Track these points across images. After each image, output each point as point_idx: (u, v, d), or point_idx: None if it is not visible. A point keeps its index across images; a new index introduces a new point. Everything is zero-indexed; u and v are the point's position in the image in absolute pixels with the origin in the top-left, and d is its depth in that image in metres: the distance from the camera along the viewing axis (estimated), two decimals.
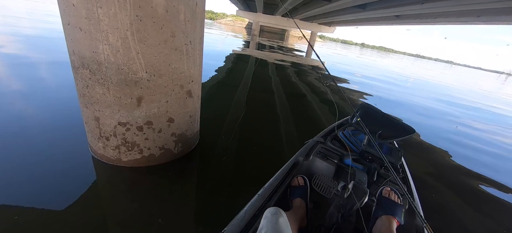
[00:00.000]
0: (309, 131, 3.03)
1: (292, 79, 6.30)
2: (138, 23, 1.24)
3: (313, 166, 1.37)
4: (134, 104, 1.44)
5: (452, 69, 41.58)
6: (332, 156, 1.37)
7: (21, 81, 2.92)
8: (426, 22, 11.37)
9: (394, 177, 1.25)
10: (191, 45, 1.53)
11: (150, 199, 1.44)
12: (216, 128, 2.52)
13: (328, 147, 1.47)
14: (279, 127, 2.85)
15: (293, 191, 1.15)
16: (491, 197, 2.22)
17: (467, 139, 3.86)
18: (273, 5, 18.32)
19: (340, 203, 0.98)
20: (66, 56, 1.49)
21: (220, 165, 1.87)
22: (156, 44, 1.33)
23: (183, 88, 1.61)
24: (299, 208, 1.06)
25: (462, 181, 2.45)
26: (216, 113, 2.96)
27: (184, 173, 1.72)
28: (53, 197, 1.34)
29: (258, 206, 0.95)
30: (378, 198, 1.14)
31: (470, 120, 5.25)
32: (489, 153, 3.41)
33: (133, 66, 1.32)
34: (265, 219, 0.74)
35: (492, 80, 29.20)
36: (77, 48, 1.32)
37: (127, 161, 1.62)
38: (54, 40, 5.69)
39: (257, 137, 2.51)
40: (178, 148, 1.79)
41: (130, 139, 1.54)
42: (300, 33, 37.32)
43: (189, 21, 1.45)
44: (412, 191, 1.28)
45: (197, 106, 1.89)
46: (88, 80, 1.38)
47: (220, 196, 1.56)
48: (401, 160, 1.40)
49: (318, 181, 1.24)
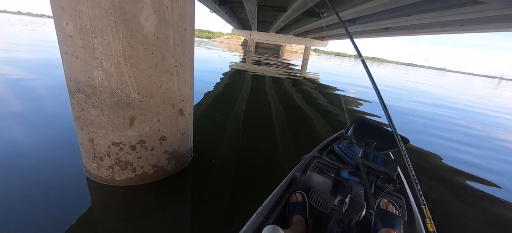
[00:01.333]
0: (307, 143, 3.09)
1: (288, 91, 6.43)
2: (130, 49, 1.35)
3: (311, 181, 1.37)
4: (127, 124, 1.51)
5: (445, 76, 42.39)
6: (329, 170, 1.38)
7: (21, 104, 3.00)
8: (413, 33, 11.81)
9: (391, 188, 1.27)
10: (181, 67, 1.63)
11: (143, 219, 1.47)
12: (212, 144, 2.58)
13: (324, 162, 1.48)
14: (276, 143, 2.89)
15: (292, 208, 1.15)
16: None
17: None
18: (266, 22, 18.96)
19: (338, 217, 0.97)
20: (62, 80, 1.57)
21: (214, 181, 1.91)
22: (147, 67, 1.43)
23: (175, 107, 1.69)
24: (298, 224, 1.06)
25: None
26: (212, 129, 3.03)
27: (177, 191, 1.76)
28: (46, 219, 1.37)
29: (257, 224, 0.95)
30: (377, 210, 1.14)
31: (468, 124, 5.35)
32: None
33: (125, 89, 1.41)
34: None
35: (486, 84, 29.76)
36: (74, 74, 1.42)
37: (120, 180, 1.66)
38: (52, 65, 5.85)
39: (254, 152, 2.56)
40: (171, 165, 1.85)
41: (124, 158, 1.60)
42: (295, 48, 37.84)
43: (179, 45, 1.56)
44: (410, 202, 1.28)
45: (189, 124, 1.97)
46: (83, 103, 1.46)
47: (215, 213, 1.59)
48: (397, 170, 1.41)
49: (315, 196, 1.24)
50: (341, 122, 4.25)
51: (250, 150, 2.59)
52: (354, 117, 1.93)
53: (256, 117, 3.80)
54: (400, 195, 1.27)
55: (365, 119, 1.93)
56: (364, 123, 1.87)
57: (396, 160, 1.47)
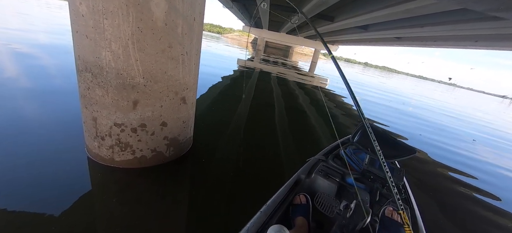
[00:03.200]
0: (306, 144, 3.10)
1: (294, 93, 6.42)
2: (139, 33, 1.38)
3: (315, 184, 1.37)
4: (130, 107, 1.54)
5: (455, 92, 41.52)
6: (334, 175, 1.37)
7: (31, 81, 3.08)
8: (426, 44, 11.61)
9: (396, 198, 1.28)
10: (187, 56, 1.66)
11: (139, 202, 1.50)
12: (213, 136, 2.61)
13: (330, 166, 1.47)
14: (277, 142, 2.89)
15: (295, 209, 1.15)
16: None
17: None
18: (278, 22, 18.90)
19: (342, 222, 0.97)
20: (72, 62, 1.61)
21: (211, 172, 1.94)
22: (154, 53, 1.46)
23: (178, 95, 1.72)
24: (301, 227, 1.05)
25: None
26: (214, 122, 3.06)
27: (174, 177, 1.79)
28: (45, 196, 1.40)
29: (260, 223, 0.96)
30: (381, 218, 1.13)
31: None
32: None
33: (131, 72, 1.44)
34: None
35: (496, 104, 29.05)
36: (83, 53, 1.45)
37: (119, 161, 1.70)
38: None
39: (254, 150, 2.56)
40: (170, 152, 1.88)
41: (124, 140, 1.63)
42: (304, 50, 37.58)
43: (186, 34, 1.58)
44: (415, 212, 1.28)
45: (191, 113, 1.99)
46: (89, 82, 1.50)
47: (208, 203, 1.61)
48: (403, 180, 1.40)
49: (321, 199, 1.24)
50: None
51: (251, 147, 2.60)
52: (361, 123, 1.92)
53: (260, 116, 3.81)
54: (406, 205, 1.26)
55: (373, 125, 1.91)
56: (372, 130, 1.85)
57: (403, 170, 1.45)
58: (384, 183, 1.33)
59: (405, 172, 1.46)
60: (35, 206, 1.32)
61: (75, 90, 1.70)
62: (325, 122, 4.25)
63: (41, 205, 1.33)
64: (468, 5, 4.00)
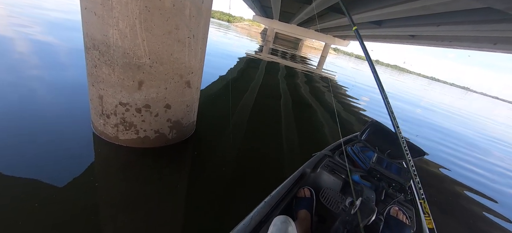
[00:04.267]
0: (310, 139, 3.08)
1: (300, 88, 6.34)
2: (146, 13, 1.37)
3: (320, 179, 1.37)
4: (135, 87, 1.56)
5: (469, 96, 40.25)
6: (339, 171, 1.36)
7: (43, 58, 3.15)
8: (441, 44, 11.19)
9: (402, 198, 1.24)
10: (193, 39, 1.65)
11: (140, 180, 1.54)
12: (216, 123, 2.62)
13: (336, 162, 1.46)
14: (281, 135, 2.87)
15: (299, 202, 1.15)
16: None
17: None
18: (289, 13, 18.50)
19: (346, 219, 0.97)
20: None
21: (211, 157, 1.97)
22: (161, 34, 1.46)
23: (183, 78, 1.72)
24: (304, 220, 1.06)
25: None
26: (220, 110, 3.06)
27: (175, 159, 1.82)
28: (49, 168, 1.45)
29: (264, 213, 0.96)
30: (386, 217, 1.13)
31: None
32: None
33: (137, 52, 1.45)
34: (274, 227, 0.75)
35: None
36: (90, 30, 1.46)
37: (123, 140, 1.74)
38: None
39: (256, 139, 2.58)
40: (173, 134, 1.90)
41: (129, 119, 1.66)
42: (314, 44, 36.88)
43: (194, 17, 1.57)
44: (420, 214, 1.26)
45: (195, 97, 2.00)
46: (97, 60, 1.51)
47: (206, 186, 1.64)
48: (410, 181, 1.37)
49: (326, 194, 1.23)
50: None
51: (254, 137, 2.61)
52: (370, 121, 1.87)
53: (265, 109, 3.78)
54: (411, 206, 1.25)
55: (382, 125, 1.87)
56: (381, 129, 1.80)
57: (410, 171, 1.42)
58: (390, 183, 1.31)
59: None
60: (39, 176, 1.37)
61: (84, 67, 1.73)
62: (332, 118, 4.21)
63: (45, 176, 1.39)
64: (492, 3, 3.81)
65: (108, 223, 1.22)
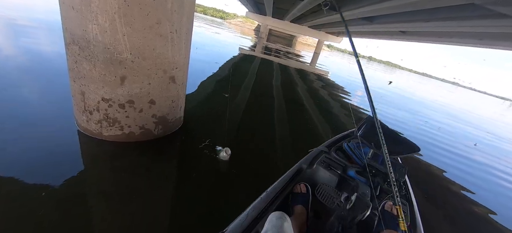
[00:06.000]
0: (302, 137, 3.08)
1: (295, 85, 6.36)
2: (126, 8, 1.36)
3: (316, 175, 1.38)
4: (118, 82, 1.55)
5: (458, 91, 41.22)
6: (335, 167, 1.38)
7: (25, 53, 3.07)
8: (431, 40, 11.41)
9: (397, 194, 1.29)
10: (176, 34, 1.64)
11: (126, 175, 1.54)
12: (205, 118, 2.62)
13: (332, 157, 1.48)
14: (274, 133, 2.84)
15: (295, 198, 1.16)
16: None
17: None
18: (283, 9, 18.47)
19: (341, 214, 0.98)
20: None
21: (198, 152, 1.96)
22: (142, 29, 1.45)
23: (166, 73, 1.72)
24: (300, 215, 1.07)
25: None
26: (209, 107, 3.05)
27: (161, 155, 1.82)
28: (35, 165, 1.44)
29: (260, 209, 0.96)
30: (381, 211, 1.14)
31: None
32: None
33: (118, 47, 1.44)
34: (270, 223, 0.76)
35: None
36: (70, 25, 1.44)
37: (108, 136, 1.73)
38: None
39: (247, 136, 2.55)
40: (158, 130, 1.90)
41: (112, 115, 1.65)
42: (308, 40, 36.99)
43: (176, 11, 1.56)
44: (414, 209, 1.30)
45: (181, 93, 2.00)
46: (77, 56, 1.50)
47: (190, 181, 1.63)
48: (405, 177, 1.41)
49: (322, 190, 1.25)
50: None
51: (245, 134, 2.59)
52: (366, 118, 1.90)
53: (258, 106, 3.77)
54: (405, 201, 1.28)
55: (379, 121, 1.90)
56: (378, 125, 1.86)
57: (406, 167, 1.46)
58: (386, 178, 1.33)
59: (407, 169, 1.46)
60: (22, 176, 1.35)
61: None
62: (325, 116, 4.26)
63: (29, 175, 1.37)
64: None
65: (95, 218, 1.22)
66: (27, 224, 1.12)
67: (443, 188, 2.80)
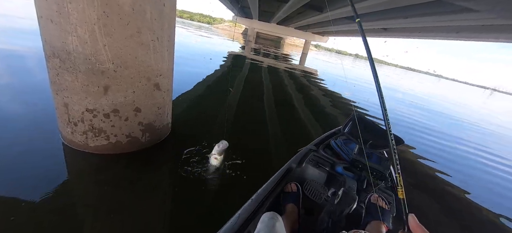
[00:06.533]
0: (295, 136, 3.12)
1: (285, 86, 6.45)
2: (105, 18, 1.38)
3: (306, 173, 1.42)
4: (101, 92, 1.56)
5: (441, 83, 42.82)
6: (324, 164, 1.42)
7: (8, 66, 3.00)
8: (411, 36, 11.88)
9: (383, 186, 1.33)
10: (158, 42, 1.67)
11: (113, 187, 1.52)
12: (194, 124, 2.63)
13: (320, 155, 1.53)
14: (266, 136, 2.84)
15: (286, 197, 1.19)
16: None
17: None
18: (268, 12, 18.72)
19: (330, 209, 1.02)
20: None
21: (187, 159, 1.93)
22: (122, 38, 1.47)
23: (150, 81, 1.74)
24: (291, 213, 1.11)
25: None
26: (198, 111, 3.06)
27: (150, 163, 1.82)
28: (20, 182, 1.42)
29: (251, 210, 0.98)
30: (367, 204, 1.19)
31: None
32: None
33: (100, 57, 1.46)
34: (262, 223, 0.78)
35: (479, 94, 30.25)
36: (49, 38, 1.45)
37: (94, 147, 1.73)
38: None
39: (238, 140, 2.47)
40: (146, 138, 1.91)
41: (97, 126, 1.66)
42: (296, 42, 37.49)
43: (156, 19, 1.60)
44: (399, 199, 1.35)
45: (167, 99, 2.02)
46: (58, 68, 1.50)
47: (182, 190, 1.62)
48: (389, 169, 1.46)
49: (310, 186, 1.29)
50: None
51: (235, 139, 2.49)
52: (352, 114, 1.94)
53: (247, 108, 3.80)
54: (391, 192, 1.34)
55: (363, 117, 1.96)
56: (362, 121, 1.90)
57: (390, 159, 1.51)
58: (372, 172, 1.38)
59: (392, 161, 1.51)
60: (7, 192, 1.34)
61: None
62: (314, 115, 4.35)
63: (14, 191, 1.35)
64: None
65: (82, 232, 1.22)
66: None
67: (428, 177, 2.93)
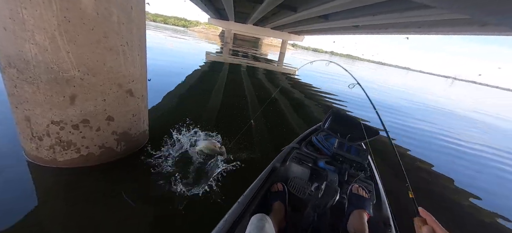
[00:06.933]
0: (278, 136, 3.09)
1: (264, 85, 6.50)
2: (67, 24, 1.30)
3: (290, 171, 1.44)
4: (67, 102, 1.47)
5: (409, 75, 46.10)
6: (307, 161, 1.45)
7: None
8: (381, 32, 12.63)
9: (363, 176, 1.39)
10: (128, 46, 1.61)
11: (88, 203, 1.44)
12: (173, 129, 2.52)
13: (303, 152, 1.56)
14: (252, 138, 2.78)
15: (273, 196, 1.22)
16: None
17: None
18: (244, 13, 18.76)
19: (315, 203, 1.04)
20: None
21: (167, 166, 1.86)
22: (88, 44, 1.40)
23: (122, 87, 1.67)
24: (278, 211, 1.13)
25: None
26: (177, 115, 2.96)
27: (126, 174, 1.74)
28: None
29: (238, 213, 0.98)
30: (349, 195, 1.23)
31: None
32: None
33: (63, 65, 1.37)
34: (251, 225, 0.79)
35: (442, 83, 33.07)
36: (3, 47, 1.33)
37: (63, 161, 1.62)
38: None
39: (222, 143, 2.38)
40: (121, 147, 1.83)
41: (65, 138, 1.55)
42: (273, 42, 38.09)
43: (124, 24, 1.54)
44: (378, 187, 1.41)
45: (142, 106, 1.95)
46: (16, 79, 1.38)
47: (161, 199, 1.55)
48: (368, 159, 1.52)
49: (293, 183, 1.31)
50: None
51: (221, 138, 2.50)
52: (330, 111, 2.02)
53: (230, 110, 3.74)
54: (370, 181, 1.41)
55: (341, 112, 2.03)
56: (340, 116, 1.98)
57: (368, 150, 1.57)
58: (352, 164, 1.43)
59: (370, 152, 1.58)
60: None
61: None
62: (295, 112, 4.44)
63: None
64: None
65: None
66: None
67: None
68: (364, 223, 1.07)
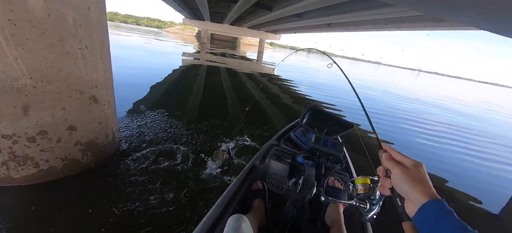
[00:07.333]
0: (260, 135, 3.07)
1: (244, 85, 6.48)
2: (12, 27, 1.19)
3: (269, 168, 1.44)
4: (20, 114, 1.34)
5: (380, 69, 49.04)
6: (285, 157, 1.46)
7: None
8: (351, 29, 13.25)
9: (338, 168, 1.42)
10: (88, 50, 1.51)
11: (45, 221, 1.33)
12: (146, 136, 2.42)
13: (282, 149, 1.57)
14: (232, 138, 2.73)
15: (253, 195, 1.21)
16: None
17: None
18: (220, 13, 18.55)
19: (294, 198, 1.04)
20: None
21: (139, 174, 1.80)
22: (40, 48, 1.29)
23: (84, 94, 1.56)
24: (258, 209, 1.12)
25: None
26: (152, 121, 2.85)
27: (93, 185, 1.63)
28: None
29: (217, 214, 0.96)
30: (326, 187, 1.26)
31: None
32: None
33: (11, 73, 1.25)
34: (228, 226, 0.78)
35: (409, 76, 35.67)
36: None
37: (20, 178, 1.47)
38: None
39: (197, 151, 2.33)
40: (88, 157, 1.72)
41: (20, 153, 1.42)
42: (251, 41, 38.19)
43: (82, 26, 1.44)
44: (353, 177, 1.45)
45: (109, 112, 1.84)
46: None
47: (134, 210, 1.48)
48: (343, 151, 1.54)
49: (272, 180, 1.32)
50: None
51: (195, 149, 2.40)
52: (308, 106, 2.05)
53: (209, 113, 3.64)
54: (346, 173, 1.45)
55: (318, 107, 2.07)
56: (317, 111, 2.02)
57: (343, 143, 1.61)
58: (328, 157, 1.46)
59: (344, 144, 1.62)
60: None
61: None
62: (279, 109, 4.48)
63: None
64: None
65: None
66: None
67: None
68: (340, 213, 1.11)
